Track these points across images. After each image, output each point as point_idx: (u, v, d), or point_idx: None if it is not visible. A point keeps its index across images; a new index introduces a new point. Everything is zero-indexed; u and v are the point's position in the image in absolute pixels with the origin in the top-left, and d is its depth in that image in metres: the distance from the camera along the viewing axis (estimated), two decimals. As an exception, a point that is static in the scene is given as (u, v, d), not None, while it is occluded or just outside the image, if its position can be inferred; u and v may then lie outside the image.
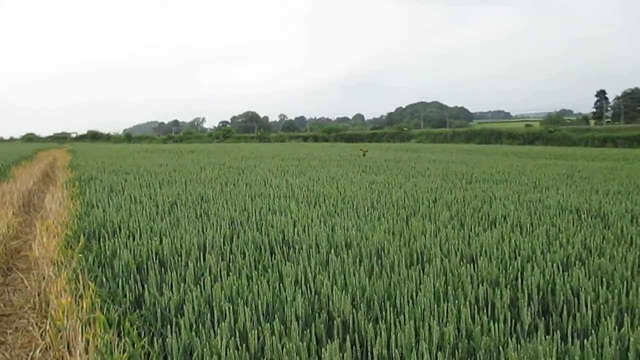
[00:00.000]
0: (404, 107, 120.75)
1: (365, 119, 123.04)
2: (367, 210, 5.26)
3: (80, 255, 3.96)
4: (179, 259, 3.27)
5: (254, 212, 4.99)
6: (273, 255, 3.45)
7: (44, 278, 3.98)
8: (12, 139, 74.98)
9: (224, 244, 3.70)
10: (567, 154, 19.27)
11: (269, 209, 5.23)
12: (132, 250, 3.47)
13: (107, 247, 3.68)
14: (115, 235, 4.08)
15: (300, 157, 14.42)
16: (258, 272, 2.99)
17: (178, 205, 5.43)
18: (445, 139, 42.24)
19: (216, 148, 21.54)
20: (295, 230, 4.11)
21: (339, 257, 3.28)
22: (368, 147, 27.16)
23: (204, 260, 3.26)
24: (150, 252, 3.38)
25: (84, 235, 4.48)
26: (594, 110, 76.76)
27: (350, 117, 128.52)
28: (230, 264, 3.22)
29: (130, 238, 3.86)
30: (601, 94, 76.99)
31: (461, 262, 3.27)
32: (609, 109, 75.57)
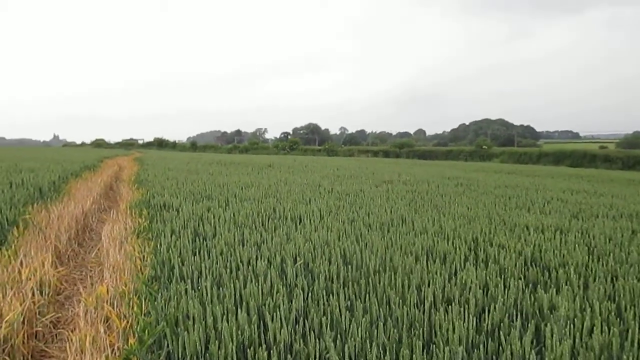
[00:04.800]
0: (467, 123, 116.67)
1: (427, 134, 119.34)
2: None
3: None
4: None
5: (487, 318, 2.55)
6: None
7: None
8: (83, 144, 77.47)
9: None
10: None
11: (509, 302, 2.77)
12: None
13: None
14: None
15: (402, 180, 11.90)
16: None
17: (321, 279, 3.04)
18: (531, 159, 38.45)
19: (293, 161, 19.32)
20: None
21: None
22: (446, 165, 24.27)
23: None
24: None
25: (160, 350, 2.19)
26: (678, 134, 70.12)
27: (412, 132, 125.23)
28: None
29: None
30: (687, 117, 70.33)
31: None
32: (694, 132, 68.93)
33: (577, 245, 4.70)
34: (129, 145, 62.97)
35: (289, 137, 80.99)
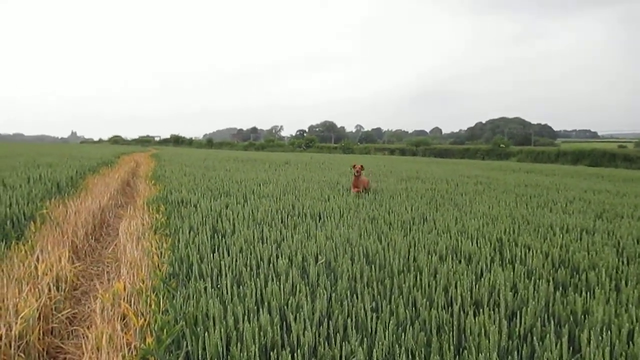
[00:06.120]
0: (484, 121, 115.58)
1: (443, 132, 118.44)
2: None
3: None
4: None
5: None
6: None
7: None
8: (100, 140, 78.58)
9: None
10: None
11: None
12: None
13: None
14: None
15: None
16: None
17: (344, 279, 2.93)
18: (549, 158, 37.89)
19: (309, 159, 19.23)
20: None
21: None
22: (464, 163, 23.92)
23: None
24: None
25: (179, 350, 2.11)
26: (701, 132, 68.42)
27: (428, 131, 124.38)
28: None
29: None
30: None
31: None
32: None
33: (604, 247, 4.54)
34: (145, 142, 63.45)
35: (305, 134, 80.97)
